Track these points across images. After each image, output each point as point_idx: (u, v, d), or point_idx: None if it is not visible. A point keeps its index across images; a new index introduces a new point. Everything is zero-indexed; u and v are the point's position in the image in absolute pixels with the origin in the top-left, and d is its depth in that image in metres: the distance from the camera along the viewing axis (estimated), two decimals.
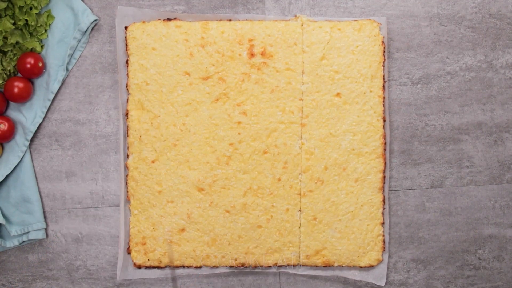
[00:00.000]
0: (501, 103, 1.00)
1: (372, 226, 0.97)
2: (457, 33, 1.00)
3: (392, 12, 0.99)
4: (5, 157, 0.97)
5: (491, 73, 1.00)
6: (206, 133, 0.96)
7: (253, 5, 0.99)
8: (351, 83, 0.96)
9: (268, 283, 1.00)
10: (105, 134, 0.99)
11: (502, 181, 1.01)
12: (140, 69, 0.96)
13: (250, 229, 0.97)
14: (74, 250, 1.00)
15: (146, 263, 0.97)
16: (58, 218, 1.00)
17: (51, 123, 0.99)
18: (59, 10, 0.97)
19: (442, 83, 1.00)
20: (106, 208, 1.00)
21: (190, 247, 0.97)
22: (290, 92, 0.96)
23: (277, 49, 0.96)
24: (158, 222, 0.97)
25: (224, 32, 0.96)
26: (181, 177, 0.97)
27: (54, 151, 0.99)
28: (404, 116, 1.00)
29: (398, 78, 1.00)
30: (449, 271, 1.01)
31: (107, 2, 0.99)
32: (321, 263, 0.97)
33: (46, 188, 0.99)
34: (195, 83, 0.96)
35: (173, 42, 0.96)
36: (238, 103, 0.96)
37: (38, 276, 1.00)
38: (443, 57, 1.00)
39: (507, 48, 1.00)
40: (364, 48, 0.96)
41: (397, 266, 1.01)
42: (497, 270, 1.01)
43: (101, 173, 0.99)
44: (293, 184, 0.97)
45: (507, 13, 1.00)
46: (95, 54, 0.99)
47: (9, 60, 0.95)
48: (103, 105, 0.99)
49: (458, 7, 1.00)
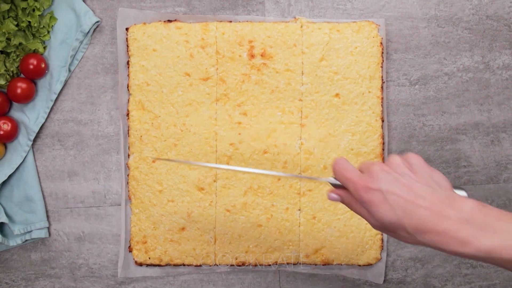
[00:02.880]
0: (498, 104, 1.01)
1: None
2: (454, 34, 1.00)
3: (390, 13, 1.00)
4: (8, 157, 0.98)
5: (488, 74, 1.00)
6: (206, 133, 0.97)
7: (253, 7, 1.00)
8: (350, 84, 0.97)
9: (268, 281, 1.01)
10: (106, 134, 1.00)
11: (499, 180, 1.01)
12: (141, 70, 0.97)
13: (250, 228, 0.97)
14: (76, 249, 1.00)
15: (147, 261, 0.98)
16: (61, 217, 1.00)
17: (54, 124, 1.00)
18: (61, 11, 0.98)
19: (440, 84, 1.00)
20: (108, 207, 1.00)
21: (190, 245, 0.97)
22: (289, 92, 0.97)
23: (277, 50, 0.96)
24: (158, 221, 0.97)
25: (224, 33, 0.96)
26: (181, 177, 0.97)
27: (56, 151, 1.00)
28: (402, 117, 1.00)
29: (396, 79, 1.00)
30: (446, 270, 1.01)
31: (109, 4, 0.99)
32: (320, 261, 0.98)
33: (48, 188, 1.00)
34: (196, 84, 0.97)
35: (174, 43, 0.96)
36: (238, 103, 0.97)
37: (40, 274, 1.01)
38: (441, 58, 1.00)
39: (503, 49, 1.00)
40: (363, 49, 0.97)
41: (395, 265, 1.01)
42: (494, 268, 1.01)
43: (103, 172, 1.00)
44: (292, 184, 0.97)
45: (504, 14, 1.00)
46: (97, 55, 1.00)
47: (12, 61, 0.96)
48: (104, 106, 1.00)
49: (455, 9, 1.00)
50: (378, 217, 0.67)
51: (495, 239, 0.60)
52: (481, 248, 0.61)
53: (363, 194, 0.68)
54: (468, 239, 0.61)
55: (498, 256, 0.60)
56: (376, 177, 0.67)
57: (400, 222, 0.65)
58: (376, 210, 0.67)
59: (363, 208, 0.68)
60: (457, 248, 0.62)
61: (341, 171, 0.71)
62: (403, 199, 0.65)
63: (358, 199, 0.69)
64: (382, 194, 0.66)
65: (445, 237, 0.62)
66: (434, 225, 0.63)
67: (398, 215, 0.65)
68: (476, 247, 0.61)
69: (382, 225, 0.67)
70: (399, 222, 0.65)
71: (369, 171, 0.69)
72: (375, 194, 0.67)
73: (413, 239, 0.65)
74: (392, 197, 0.65)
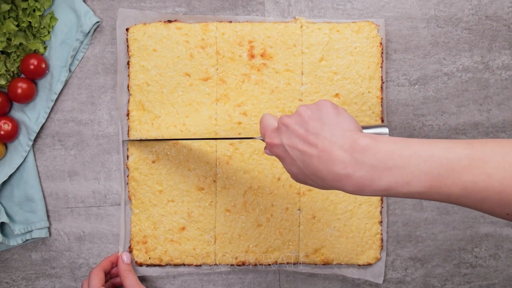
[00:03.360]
0: (497, 104, 1.01)
1: (370, 224, 0.98)
2: (454, 34, 1.00)
3: (390, 14, 1.00)
4: (9, 157, 0.98)
5: (487, 74, 1.01)
6: (206, 133, 0.97)
7: (253, 7, 1.00)
8: (349, 84, 0.97)
9: (268, 281, 1.01)
10: (107, 134, 1.00)
11: None
12: (141, 70, 0.97)
13: (250, 228, 0.97)
14: (77, 249, 1.01)
15: (147, 261, 0.98)
16: (61, 217, 1.00)
17: (54, 123, 1.00)
18: (62, 12, 0.98)
19: (439, 84, 1.00)
20: (108, 207, 1.00)
21: (190, 245, 0.98)
22: (289, 92, 0.97)
23: (276, 51, 0.97)
24: (158, 221, 0.97)
25: (224, 33, 0.97)
26: (181, 177, 0.97)
27: (57, 151, 1.00)
28: (402, 117, 1.00)
29: (396, 79, 1.00)
30: (446, 269, 1.02)
31: (109, 4, 1.00)
32: (320, 261, 0.98)
33: (49, 187, 1.00)
34: (196, 84, 0.97)
35: (174, 43, 0.97)
36: (239, 103, 0.97)
37: (41, 274, 1.01)
38: (440, 58, 1.00)
39: (503, 49, 1.01)
40: (363, 49, 0.97)
41: (395, 264, 1.01)
42: (493, 268, 1.02)
43: (103, 172, 1.00)
44: (292, 184, 0.97)
45: (503, 15, 1.00)
46: (97, 56, 1.00)
47: (12, 61, 0.96)
48: (105, 106, 1.00)
49: (455, 9, 1.00)
50: (287, 170, 0.69)
51: (389, 178, 0.60)
52: (378, 188, 0.61)
53: (272, 150, 0.71)
54: (362, 182, 0.61)
55: (395, 192, 0.61)
56: (279, 131, 0.70)
57: (303, 173, 0.67)
58: (284, 164, 0.70)
59: None
60: (356, 191, 0.63)
61: (261, 128, 0.74)
62: (299, 150, 0.66)
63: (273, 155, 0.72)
64: (284, 148, 0.68)
65: (340, 182, 0.63)
66: (327, 172, 0.63)
67: (300, 167, 0.67)
68: (372, 188, 0.61)
69: (293, 177, 0.69)
70: (303, 173, 0.67)
71: (277, 126, 0.71)
72: (280, 149, 0.69)
73: (321, 186, 0.66)
74: (291, 150, 0.67)
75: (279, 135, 0.69)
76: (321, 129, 0.66)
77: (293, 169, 0.68)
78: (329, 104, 0.69)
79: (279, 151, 0.69)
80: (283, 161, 0.70)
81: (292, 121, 0.69)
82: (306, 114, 0.68)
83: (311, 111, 0.69)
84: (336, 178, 0.63)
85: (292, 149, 0.67)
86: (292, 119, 0.69)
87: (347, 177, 0.62)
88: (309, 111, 0.69)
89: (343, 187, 0.63)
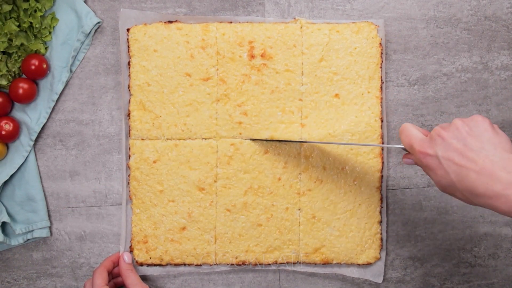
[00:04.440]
0: (496, 104, 1.01)
1: (370, 224, 0.98)
2: (453, 35, 1.01)
3: (390, 14, 1.00)
4: (10, 157, 0.98)
5: (486, 74, 1.01)
6: (207, 133, 0.97)
7: (253, 8, 1.00)
8: (349, 84, 0.97)
9: (268, 280, 1.01)
10: (108, 134, 1.00)
11: None
12: (142, 70, 0.97)
13: (251, 228, 0.98)
14: (78, 248, 1.01)
15: (148, 261, 0.98)
16: (62, 216, 1.01)
17: (55, 124, 1.00)
18: (63, 12, 0.98)
19: (439, 84, 1.01)
20: (109, 207, 1.01)
21: (191, 245, 0.98)
22: (289, 93, 0.97)
23: (276, 51, 0.97)
24: (159, 221, 0.98)
25: (224, 34, 0.97)
26: (182, 177, 0.97)
27: (58, 151, 1.00)
28: (401, 117, 1.01)
29: (395, 79, 1.00)
30: (445, 269, 1.02)
31: (110, 4, 1.00)
32: (320, 260, 0.98)
33: (50, 187, 1.00)
34: (196, 84, 0.97)
35: (174, 44, 0.97)
36: (239, 103, 0.97)
37: (42, 273, 1.01)
38: (440, 58, 1.01)
39: (502, 50, 1.01)
40: (362, 50, 0.97)
41: (395, 264, 1.02)
42: (492, 267, 1.02)
43: (104, 172, 1.00)
44: (292, 184, 0.97)
45: (502, 15, 1.01)
46: (98, 56, 1.00)
47: (14, 61, 0.96)
48: (106, 106, 1.00)
49: (454, 10, 1.01)
50: (435, 180, 0.71)
51: None
52: None
53: (421, 160, 0.72)
54: None
55: None
56: (433, 142, 0.71)
57: (455, 186, 0.68)
58: (433, 175, 0.71)
59: None
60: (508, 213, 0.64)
61: (405, 137, 0.75)
62: (456, 164, 0.68)
63: (419, 164, 0.73)
64: (438, 159, 0.70)
65: (496, 201, 0.65)
66: (484, 189, 0.65)
67: (452, 180, 0.68)
68: None
69: (440, 187, 0.71)
70: (454, 186, 0.68)
71: (430, 136, 0.72)
72: (432, 160, 0.70)
73: (470, 201, 0.68)
74: (446, 163, 0.69)
75: (433, 146, 0.71)
76: (481, 146, 0.68)
77: (443, 181, 0.70)
78: (487, 121, 0.71)
79: (431, 161, 0.71)
80: (432, 171, 0.71)
81: (449, 134, 0.70)
82: (464, 129, 0.70)
83: (469, 127, 0.70)
84: (493, 197, 0.65)
85: (448, 161, 0.69)
86: (449, 133, 0.70)
87: (505, 197, 0.64)
88: (467, 126, 0.70)
89: (498, 206, 0.65)
